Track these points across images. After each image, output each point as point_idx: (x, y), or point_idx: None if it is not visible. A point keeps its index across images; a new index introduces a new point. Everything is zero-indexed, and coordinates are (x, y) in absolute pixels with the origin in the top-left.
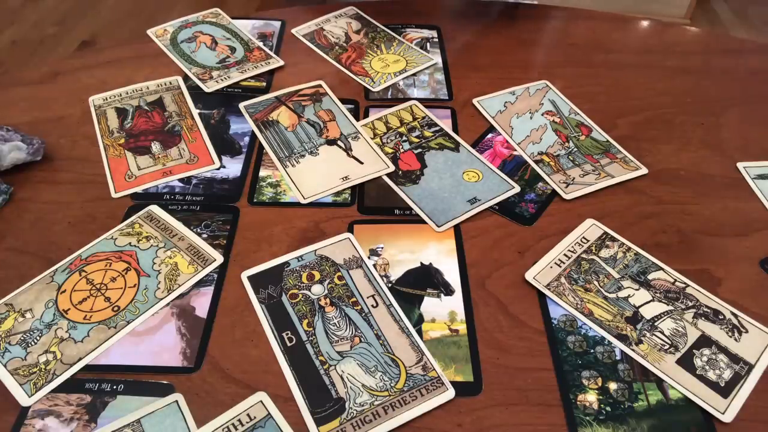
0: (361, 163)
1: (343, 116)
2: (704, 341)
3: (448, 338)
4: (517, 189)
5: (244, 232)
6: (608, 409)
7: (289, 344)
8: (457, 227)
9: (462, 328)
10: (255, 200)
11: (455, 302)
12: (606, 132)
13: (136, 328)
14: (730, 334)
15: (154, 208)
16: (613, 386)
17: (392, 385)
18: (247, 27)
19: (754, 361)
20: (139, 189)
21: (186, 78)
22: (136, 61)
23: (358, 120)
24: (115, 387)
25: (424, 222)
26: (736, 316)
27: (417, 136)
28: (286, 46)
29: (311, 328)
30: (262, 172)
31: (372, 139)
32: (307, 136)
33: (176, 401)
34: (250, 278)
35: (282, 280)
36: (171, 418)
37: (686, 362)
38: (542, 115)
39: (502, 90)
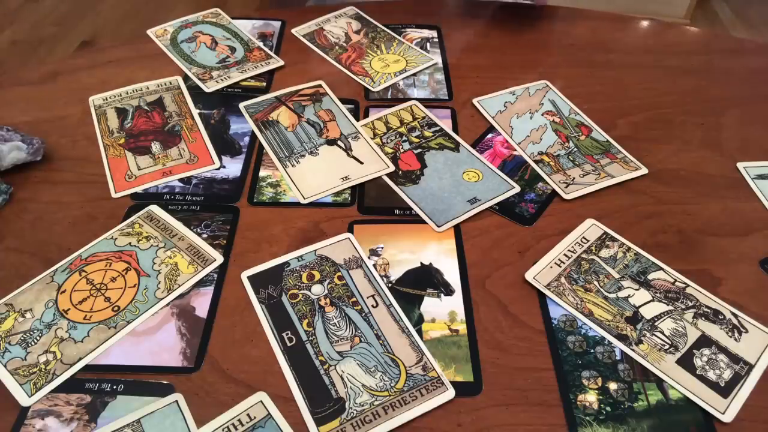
0: (361, 163)
1: (343, 116)
2: (704, 341)
3: (448, 338)
4: (517, 189)
5: (244, 232)
6: (608, 409)
7: (289, 344)
8: (457, 227)
9: (462, 328)
10: (255, 200)
11: (455, 302)
12: (606, 132)
13: (136, 328)
14: (730, 334)
15: (154, 208)
16: (613, 386)
17: (392, 385)
18: (247, 27)
19: (754, 361)
20: (139, 189)
21: (186, 78)
22: (136, 61)
23: (358, 120)
24: (115, 387)
25: (424, 222)
26: (736, 316)
27: (417, 136)
28: (286, 46)
29: (311, 328)
30: (262, 172)
31: (372, 139)
32: (307, 136)
33: (176, 401)
34: (250, 278)
35: (282, 280)
36: (171, 418)
37: (686, 362)
38: (542, 115)
39: (502, 90)
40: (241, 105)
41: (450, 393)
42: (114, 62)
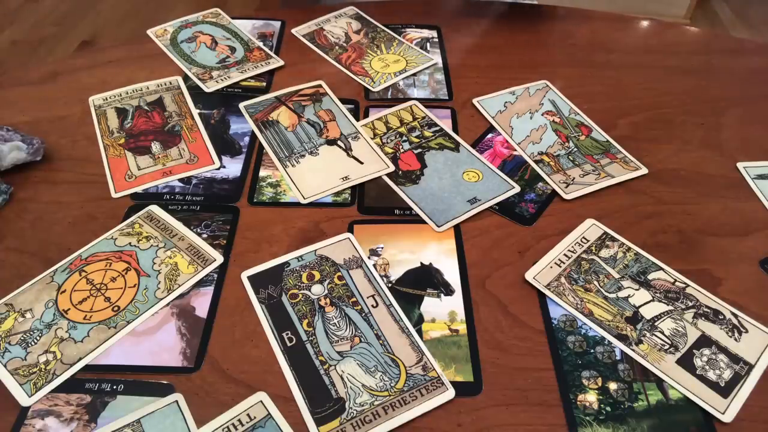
0: (361, 163)
1: (343, 116)
2: (704, 341)
3: (448, 338)
4: (517, 189)
5: (244, 232)
6: (608, 409)
7: (289, 344)
8: (457, 227)
9: (462, 328)
10: (255, 200)
11: (455, 302)
12: (606, 132)
13: (136, 328)
14: (730, 334)
15: (154, 208)
16: (613, 386)
17: (392, 385)
18: (247, 27)
19: (754, 361)
20: (139, 189)
21: (186, 78)
22: (136, 61)
23: (358, 120)
24: (115, 387)
25: (424, 222)
26: (736, 316)
27: (417, 136)
28: (286, 46)
29: (311, 328)
30: (262, 172)
31: (372, 139)
32: (307, 136)
33: (176, 401)
34: (250, 278)
35: (282, 280)
36: (171, 418)
37: (686, 362)
38: (542, 115)
39: (502, 90)
40: (241, 105)
41: (450, 393)
42: (114, 62)
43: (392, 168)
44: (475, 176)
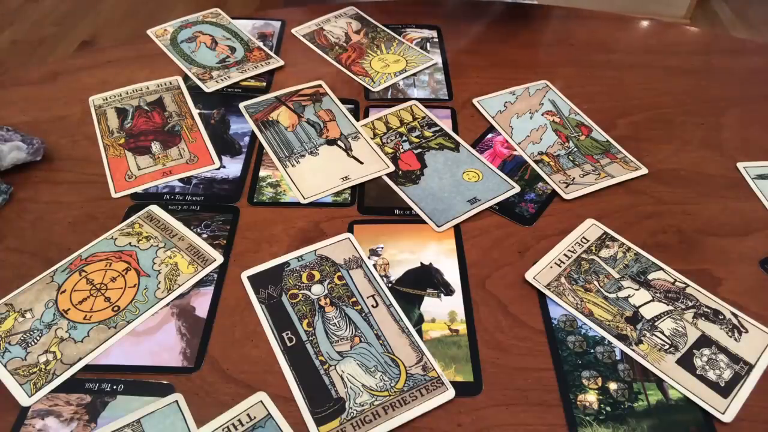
0: (361, 163)
1: (343, 116)
2: (704, 341)
3: (448, 338)
4: (517, 189)
5: (244, 232)
6: (608, 409)
7: (289, 344)
8: (457, 227)
9: (462, 328)
10: (255, 200)
11: (455, 302)
12: (606, 132)
13: (136, 328)
14: (730, 334)
15: (154, 208)
16: (613, 386)
17: (392, 385)
18: (247, 27)
19: (754, 361)
20: (139, 189)
21: (186, 78)
22: (136, 61)
23: (358, 120)
24: (115, 387)
25: (424, 222)
26: (736, 316)
27: (417, 136)
28: (286, 46)
29: (311, 328)
30: (262, 172)
31: (372, 139)
32: (307, 136)
33: (176, 401)
34: (250, 278)
35: (282, 280)
36: (171, 418)
37: (686, 362)
38: (542, 115)
39: (502, 90)
40: (241, 105)
41: (450, 393)
42: (114, 62)
43: (392, 168)
44: (475, 176)
